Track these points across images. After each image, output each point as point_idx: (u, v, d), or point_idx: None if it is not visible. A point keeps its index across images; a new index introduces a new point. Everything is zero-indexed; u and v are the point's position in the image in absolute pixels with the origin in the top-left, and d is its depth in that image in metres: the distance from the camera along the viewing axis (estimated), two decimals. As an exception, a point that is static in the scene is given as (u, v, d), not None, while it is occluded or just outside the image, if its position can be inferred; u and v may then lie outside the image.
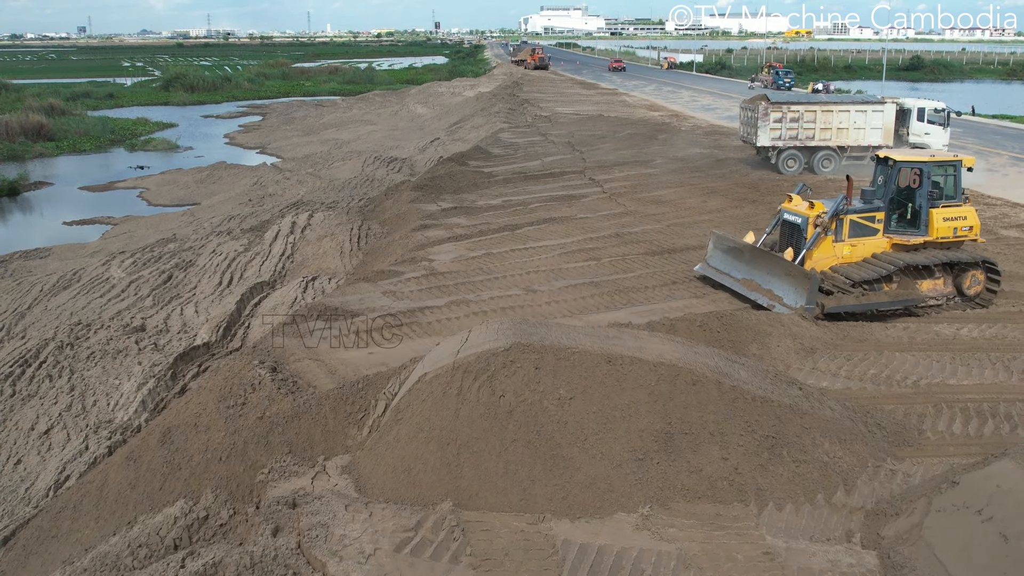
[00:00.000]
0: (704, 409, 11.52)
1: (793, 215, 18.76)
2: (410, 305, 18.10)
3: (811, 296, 16.99)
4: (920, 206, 18.48)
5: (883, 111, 35.46)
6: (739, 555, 9.68)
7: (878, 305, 17.63)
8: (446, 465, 10.91)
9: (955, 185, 18.81)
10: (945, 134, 35.68)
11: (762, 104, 35.26)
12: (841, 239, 18.29)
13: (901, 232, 18.58)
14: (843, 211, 18.16)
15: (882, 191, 18.60)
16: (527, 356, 11.64)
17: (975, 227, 18.80)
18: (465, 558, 9.56)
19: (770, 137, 35.23)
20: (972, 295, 18.53)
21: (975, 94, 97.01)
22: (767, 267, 18.31)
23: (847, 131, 35.38)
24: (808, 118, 35.18)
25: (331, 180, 39.19)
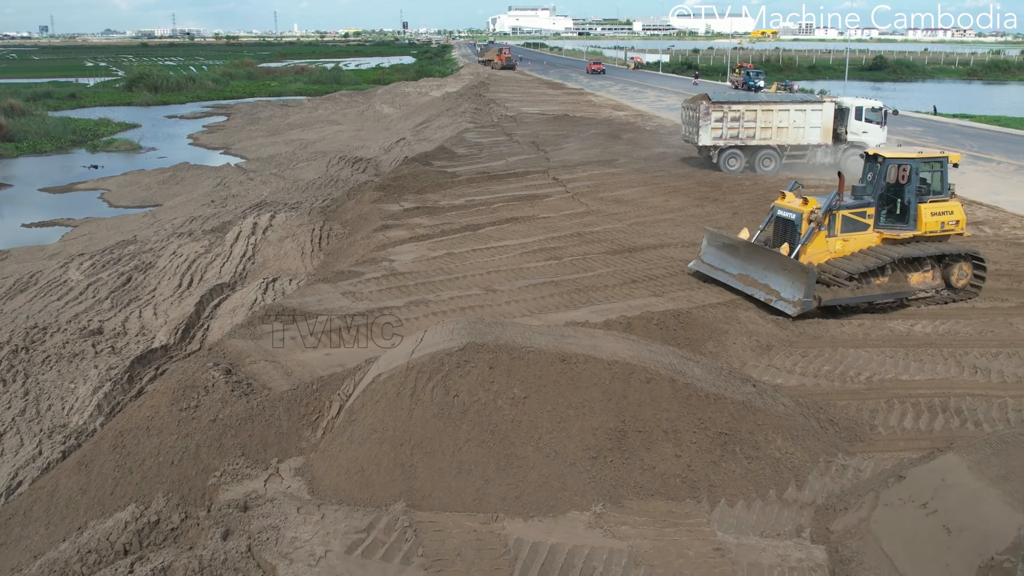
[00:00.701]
0: (658, 407, 11.57)
1: (787, 211, 18.99)
2: (369, 306, 18.03)
3: (809, 289, 17.27)
4: (909, 201, 18.89)
5: (822, 110, 35.99)
6: (690, 551, 9.74)
7: (872, 298, 18.07)
8: (399, 466, 10.88)
9: (942, 180, 19.30)
10: (883, 132, 36.24)
11: (703, 104, 35.52)
12: (834, 234, 18.60)
13: (891, 227, 18.99)
14: (836, 207, 18.49)
15: (872, 187, 18.97)
16: (481, 356, 11.64)
17: (961, 221, 19.31)
18: (417, 559, 9.54)
19: (711, 136, 35.59)
20: (959, 287, 19.02)
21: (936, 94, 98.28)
22: (764, 262, 18.57)
23: (787, 130, 35.85)
24: (749, 117, 35.61)
25: (295, 181, 38.95)
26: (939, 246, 18.89)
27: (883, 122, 36.27)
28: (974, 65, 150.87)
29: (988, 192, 32.12)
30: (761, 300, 18.07)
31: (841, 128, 36.35)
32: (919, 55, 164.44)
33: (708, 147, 35.99)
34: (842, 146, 36.43)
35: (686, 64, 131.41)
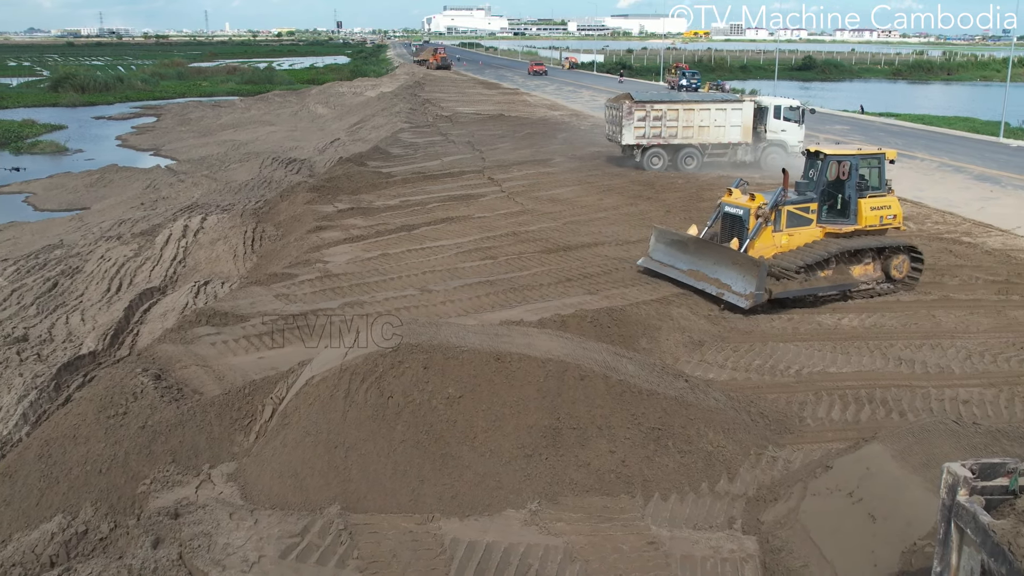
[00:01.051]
0: (592, 404, 11.66)
1: (734, 207, 19.40)
2: (303, 308, 17.84)
3: (760, 282, 17.60)
4: (849, 197, 19.48)
5: (742, 109, 36.65)
6: (624, 546, 9.84)
7: (819, 290, 18.65)
8: (334, 468, 10.81)
9: (879, 176, 19.96)
10: (800, 131, 37.13)
11: (626, 103, 35.85)
12: (779, 229, 19.06)
13: (833, 221, 19.55)
14: (782, 202, 18.95)
15: (814, 183, 19.48)
16: (415, 356, 11.61)
17: (898, 215, 20.06)
18: (352, 561, 9.49)
19: (634, 135, 35.93)
20: (898, 279, 19.69)
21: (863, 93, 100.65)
22: (714, 257, 18.92)
23: (708, 129, 36.40)
24: (671, 117, 36.04)
25: (227, 182, 38.35)
26: (880, 239, 19.59)
27: (800, 120, 37.16)
28: (899, 65, 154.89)
29: (912, 189, 32.93)
30: (712, 294, 18.39)
31: (760, 127, 37.07)
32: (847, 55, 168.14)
33: (631, 146, 36.35)
34: (761, 144, 37.13)
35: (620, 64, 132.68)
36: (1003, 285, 20.40)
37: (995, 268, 21.96)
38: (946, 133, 54.97)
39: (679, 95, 40.29)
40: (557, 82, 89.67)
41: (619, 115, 36.09)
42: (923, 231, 26.18)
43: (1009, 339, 16.84)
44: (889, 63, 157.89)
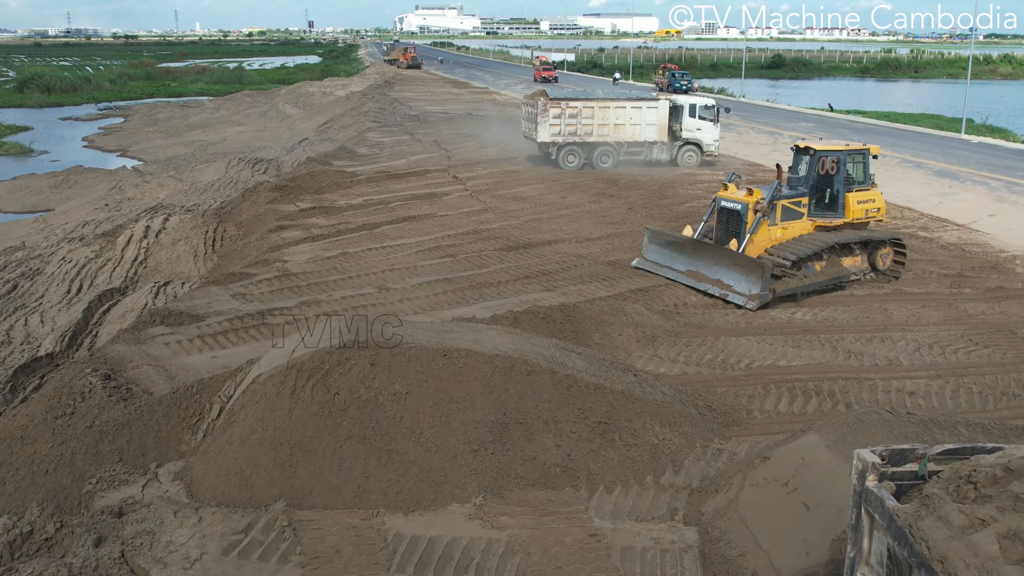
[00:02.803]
0: (538, 398, 11.74)
1: (732, 202, 19.73)
2: (259, 307, 17.82)
3: (765, 283, 17.92)
4: (838, 191, 20.04)
5: (657, 107, 36.78)
6: (567, 538, 9.93)
7: (817, 284, 19.06)
8: (279, 465, 10.83)
9: (864, 171, 20.57)
10: (716, 129, 37.62)
11: (541, 100, 35.84)
12: (775, 223, 19.51)
13: (822, 215, 20.15)
14: (777, 196, 19.41)
15: (805, 178, 19.97)
16: (362, 353, 11.65)
17: (882, 208, 20.77)
18: (295, 557, 9.52)
19: (550, 133, 35.86)
20: (883, 269, 20.34)
21: (832, 90, 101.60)
22: (713, 258, 19.16)
23: (624, 127, 36.46)
24: (586, 114, 36.07)
25: (193, 183, 38.10)
26: (868, 232, 20.29)
27: (716, 120, 37.54)
28: (867, 63, 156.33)
29: (872, 184, 33.30)
30: (715, 295, 18.66)
31: (676, 125, 37.24)
32: (816, 53, 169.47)
33: (547, 143, 36.21)
34: (677, 143, 37.29)
35: (591, 63, 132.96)
36: (955, 279, 20.72)
37: (949, 262, 22.30)
38: (910, 130, 55.61)
39: (594, 93, 40.04)
40: (526, 80, 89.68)
41: (535, 112, 36.02)
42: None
43: (958, 332, 17.12)
44: (857, 61, 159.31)
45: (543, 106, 35.61)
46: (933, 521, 5.31)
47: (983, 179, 34.82)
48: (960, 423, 10.82)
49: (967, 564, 4.87)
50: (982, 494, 5.38)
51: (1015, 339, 16.82)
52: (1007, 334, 17.04)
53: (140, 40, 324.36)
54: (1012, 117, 76.72)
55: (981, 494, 5.38)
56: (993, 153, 43.56)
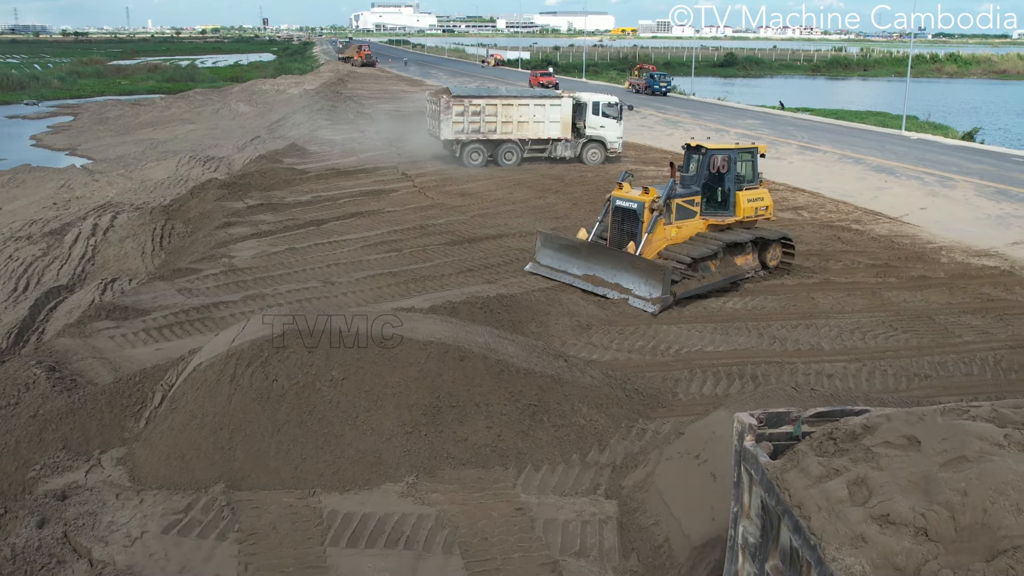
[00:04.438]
0: (471, 383, 12.25)
1: (627, 201, 19.57)
2: (205, 301, 18.13)
3: (666, 286, 17.82)
4: (728, 189, 20.33)
5: (560, 105, 37.13)
6: (494, 512, 10.46)
7: (716, 284, 19.26)
8: (219, 449, 11.23)
9: (753, 169, 20.90)
10: (619, 127, 38.08)
11: (443, 98, 35.93)
12: (670, 222, 19.58)
13: (714, 213, 20.36)
14: (673, 195, 19.49)
15: (696, 177, 20.16)
16: (300, 341, 12.08)
17: (770, 206, 21.15)
18: (232, 534, 9.94)
19: (453, 130, 35.94)
20: (773, 267, 20.77)
21: (783, 89, 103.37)
22: (611, 262, 18.87)
23: (528, 124, 36.66)
24: (489, 112, 36.16)
25: (143, 181, 38.07)
26: (760, 230, 20.64)
27: (619, 117, 38.04)
28: (817, 61, 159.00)
29: (811, 180, 34.37)
30: (614, 300, 18.31)
31: (580, 123, 37.67)
32: (767, 52, 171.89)
33: (451, 141, 36.31)
34: (581, 140, 37.71)
35: (546, 61, 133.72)
36: (882, 268, 21.59)
37: (878, 253, 23.20)
38: (853, 127, 56.94)
39: (497, 90, 40.19)
40: (480, 78, 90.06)
41: (438, 110, 36.14)
42: (815, 219, 27.41)
43: (880, 318, 17.92)
44: (808, 60, 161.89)
45: (446, 104, 35.58)
46: (796, 473, 5.90)
47: (918, 174, 35.93)
48: (859, 398, 11.53)
49: (819, 508, 5.46)
50: (840, 448, 5.98)
51: (933, 324, 17.65)
52: (926, 320, 17.88)
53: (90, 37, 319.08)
54: (953, 114, 78.83)
55: (839, 448, 5.99)
56: (930, 149, 44.85)
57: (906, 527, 5.03)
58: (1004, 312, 18.48)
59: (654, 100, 72.64)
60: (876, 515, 5.16)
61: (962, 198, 31.37)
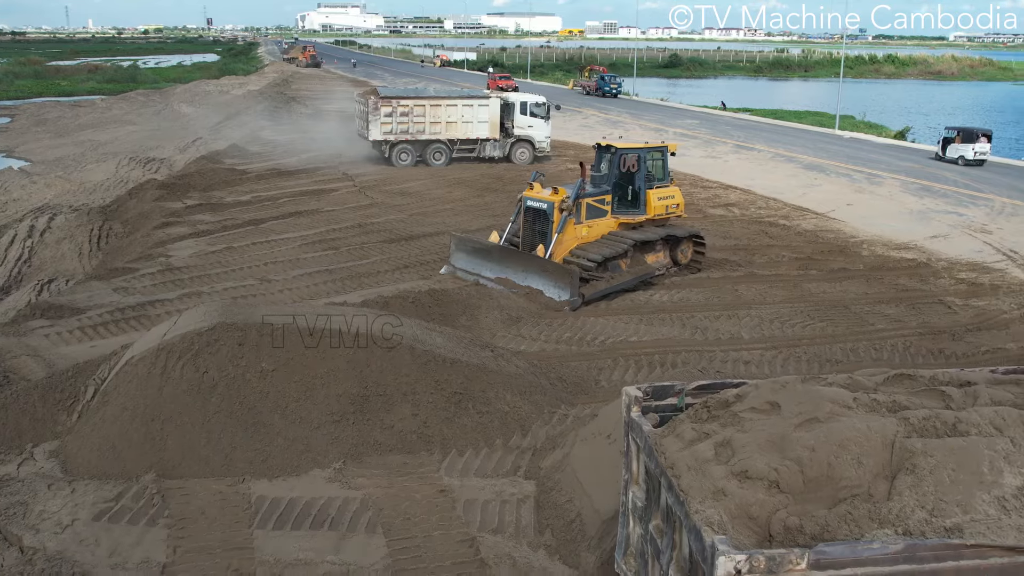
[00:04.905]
0: (398, 372, 12.68)
1: (538, 202, 19.75)
2: (140, 299, 18.32)
3: (574, 288, 18.13)
4: (639, 188, 20.64)
5: (488, 105, 37.65)
6: (417, 495, 10.92)
7: (625, 284, 19.42)
8: (150, 439, 11.52)
9: (663, 168, 21.24)
10: (547, 126, 38.59)
11: (372, 99, 36.19)
12: (580, 221, 19.80)
13: (625, 212, 20.61)
14: (582, 195, 19.72)
15: (607, 176, 20.48)
16: (231, 334, 12.40)
17: (681, 204, 21.51)
18: (162, 520, 10.26)
19: (382, 131, 36.17)
20: (684, 264, 21.12)
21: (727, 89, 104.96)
22: (522, 265, 19.12)
23: (456, 124, 37.13)
24: (418, 112, 36.54)
25: (82, 183, 37.86)
26: (670, 228, 20.95)
27: (547, 117, 38.57)
28: (759, 62, 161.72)
29: (744, 177, 35.27)
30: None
31: (508, 122, 38.13)
32: (711, 53, 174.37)
33: (380, 141, 36.51)
34: (509, 140, 38.17)
35: (492, 62, 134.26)
36: (805, 262, 22.43)
37: (802, 247, 24.05)
38: (790, 126, 58.33)
39: (426, 90, 40.54)
40: (425, 79, 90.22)
41: (366, 111, 36.38)
42: (746, 215, 28.24)
43: (799, 308, 18.71)
44: (751, 61, 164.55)
45: (374, 104, 35.79)
46: (672, 439, 6.45)
47: (847, 171, 37.10)
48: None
49: (688, 468, 6.00)
50: (713, 415, 6.54)
51: (849, 314, 18.47)
52: (842, 309, 18.70)
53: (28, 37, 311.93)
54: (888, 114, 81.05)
55: (712, 415, 6.55)
56: (862, 147, 46.22)
57: (761, 481, 5.59)
58: (917, 301, 19.39)
59: (597, 101, 73.52)
60: (736, 472, 5.72)
61: (888, 194, 32.54)
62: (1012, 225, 27.65)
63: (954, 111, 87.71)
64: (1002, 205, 30.82)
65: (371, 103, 35.85)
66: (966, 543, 5.10)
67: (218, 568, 9.42)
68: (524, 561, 9.64)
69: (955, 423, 5.92)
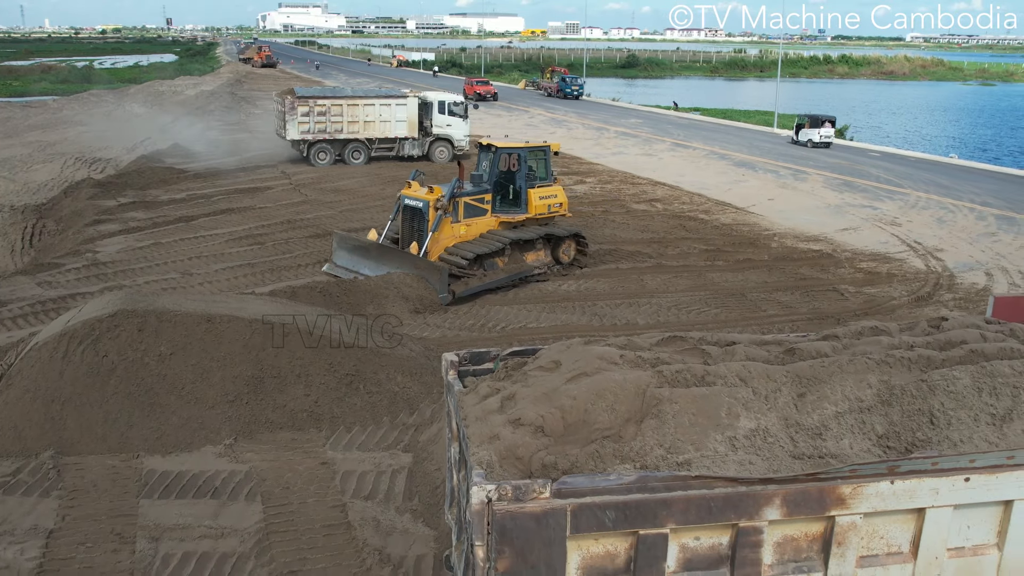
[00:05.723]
0: (292, 356, 13.43)
1: (414, 200, 20.11)
2: (63, 292, 18.89)
3: (443, 285, 18.56)
4: (520, 187, 21.00)
5: (406, 104, 38.31)
6: (300, 467, 11.69)
7: (499, 282, 19.82)
8: (50, 419, 12.18)
9: (546, 167, 21.59)
10: (465, 125, 39.29)
11: (288, 99, 36.67)
12: (458, 220, 20.15)
13: (506, 211, 20.95)
14: (458, 194, 20.12)
15: (488, 175, 20.81)
16: (131, 320, 13.09)
17: (564, 203, 21.80)
18: (56, 492, 10.94)
19: (299, 131, 36.61)
20: (566, 262, 21.53)
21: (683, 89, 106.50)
22: (396, 262, 19.42)
23: (374, 123, 37.75)
24: (335, 112, 37.06)
25: (26, 183, 37.93)
26: (549, 227, 21.32)
27: (465, 116, 39.33)
28: (715, 63, 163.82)
29: (675, 174, 36.34)
30: None
31: (427, 121, 38.83)
32: (669, 54, 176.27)
33: (298, 141, 36.93)
34: (428, 139, 38.88)
35: (450, 62, 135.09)
36: (714, 253, 23.43)
37: (715, 239, 25.07)
38: (731, 125, 59.62)
39: (343, 90, 40.96)
40: (379, 79, 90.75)
41: (283, 111, 36.79)
42: (667, 210, 29.23)
43: (699, 296, 19.67)
44: (707, 61, 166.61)
45: (291, 104, 36.20)
46: (471, 396, 7.26)
47: (776, 168, 38.29)
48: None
49: (476, 418, 6.81)
50: (509, 374, 7.38)
51: (745, 301, 19.46)
52: (739, 297, 19.69)
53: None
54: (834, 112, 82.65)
55: (508, 374, 7.38)
56: (796, 145, 47.44)
57: (529, 426, 6.41)
58: (811, 289, 20.43)
59: (544, 100, 74.44)
60: (511, 420, 6.54)
61: (809, 190, 33.72)
62: (922, 218, 28.92)
63: (897, 110, 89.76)
64: (916, 199, 32.10)
65: (288, 103, 36.21)
66: (691, 474, 5.95)
67: (101, 533, 10.13)
68: (388, 523, 10.45)
69: (704, 375, 6.80)
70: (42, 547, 9.80)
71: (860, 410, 6.62)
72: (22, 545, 9.83)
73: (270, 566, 9.59)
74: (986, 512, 6.39)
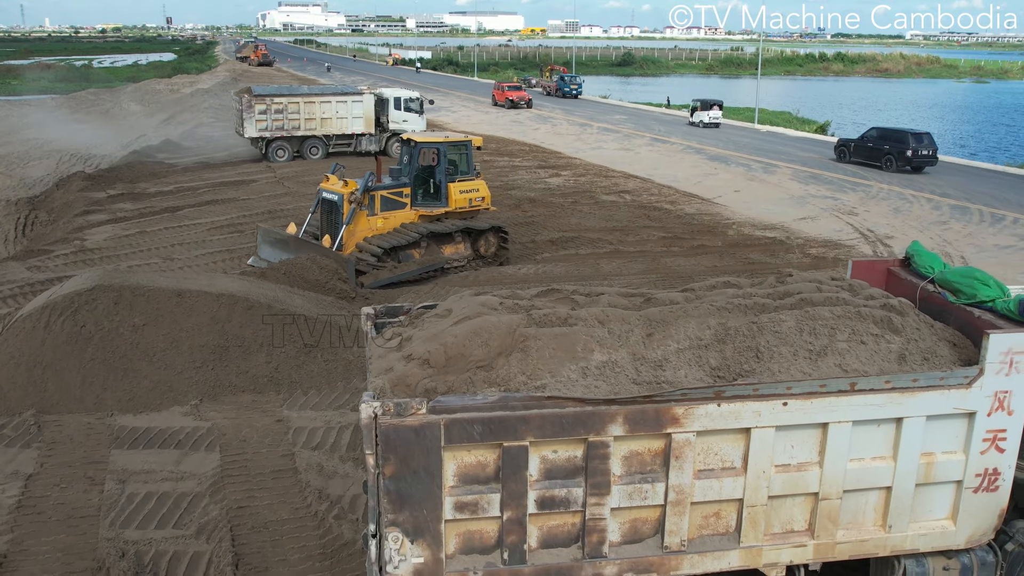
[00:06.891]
0: (256, 327, 14.70)
1: (330, 193, 20.48)
2: (50, 276, 20.15)
3: (350, 278, 18.94)
4: (440, 181, 21.45)
5: (363, 101, 39.25)
6: (257, 424, 12.97)
7: (410, 274, 20.31)
8: (32, 383, 13.47)
9: (468, 161, 22.11)
10: (421, 120, 40.15)
11: (245, 96, 37.41)
12: (374, 213, 20.52)
13: (426, 204, 21.38)
14: (373, 187, 20.38)
15: (407, 169, 21.25)
16: (108, 294, 14.37)
17: (487, 197, 22.29)
18: (36, 444, 12.22)
19: (257, 128, 37.31)
20: (487, 255, 22.03)
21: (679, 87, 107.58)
22: (309, 254, 19.59)
23: (331, 120, 38.65)
24: (293, 109, 37.85)
25: (22, 179, 39.25)
26: (472, 221, 21.83)
27: (420, 111, 40.34)
28: (711, 61, 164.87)
29: (649, 167, 37.55)
30: None
31: (384, 117, 39.73)
32: (665, 52, 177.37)
33: (256, 138, 37.60)
34: (385, 134, 39.73)
35: (447, 60, 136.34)
36: (671, 240, 24.63)
37: (675, 228, 26.27)
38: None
39: (299, 88, 41.65)
40: (373, 78, 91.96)
41: (240, 109, 37.61)
42: (635, 201, 30.43)
43: (649, 279, 20.86)
44: (703, 59, 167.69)
45: (248, 102, 36.99)
46: (380, 339, 8.51)
47: (748, 162, 39.49)
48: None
49: (378, 356, 8.06)
50: (412, 322, 8.63)
51: (689, 282, 20.60)
52: (685, 279, 20.85)
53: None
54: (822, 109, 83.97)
55: (411, 322, 8.63)
56: (773, 140, 48.72)
57: (417, 360, 7.66)
58: (757, 273, 21.46)
59: (540, 99, 75.59)
60: (404, 356, 7.79)
61: (776, 182, 34.93)
62: (880, 208, 30.09)
63: (884, 107, 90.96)
64: (878, 190, 33.30)
65: (245, 101, 37.07)
66: (545, 395, 7.19)
67: (75, 477, 11.41)
68: (331, 468, 11.72)
69: (567, 318, 8.05)
70: (21, 487, 11.08)
71: (698, 347, 7.86)
72: (3, 486, 11.11)
73: (222, 503, 10.85)
74: (806, 434, 7.61)
